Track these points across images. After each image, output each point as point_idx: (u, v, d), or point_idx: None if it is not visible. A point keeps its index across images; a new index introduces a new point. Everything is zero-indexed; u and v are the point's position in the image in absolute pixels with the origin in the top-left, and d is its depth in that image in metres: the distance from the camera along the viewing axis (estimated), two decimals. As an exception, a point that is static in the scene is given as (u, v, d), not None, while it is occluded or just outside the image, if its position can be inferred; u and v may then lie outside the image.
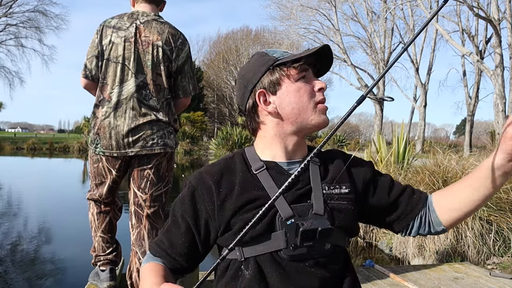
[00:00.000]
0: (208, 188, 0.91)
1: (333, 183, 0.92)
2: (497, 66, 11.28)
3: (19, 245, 4.62)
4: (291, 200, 0.89)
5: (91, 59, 1.95)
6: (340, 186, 0.92)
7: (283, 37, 23.05)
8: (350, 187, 0.93)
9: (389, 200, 0.98)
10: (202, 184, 0.92)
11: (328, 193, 0.91)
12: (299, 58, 0.92)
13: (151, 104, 1.91)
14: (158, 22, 1.96)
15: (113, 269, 2.08)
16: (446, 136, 63.63)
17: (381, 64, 20.68)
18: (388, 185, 1.00)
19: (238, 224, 0.87)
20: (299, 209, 0.88)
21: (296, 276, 0.86)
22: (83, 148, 28.66)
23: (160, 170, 1.95)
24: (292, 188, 0.90)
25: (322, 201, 0.89)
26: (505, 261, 3.39)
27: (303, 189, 0.90)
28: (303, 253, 0.86)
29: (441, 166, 4.01)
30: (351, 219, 0.92)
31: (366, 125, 62.38)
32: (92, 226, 2.06)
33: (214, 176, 0.92)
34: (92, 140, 1.96)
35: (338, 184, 0.93)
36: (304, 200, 0.90)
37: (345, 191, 0.92)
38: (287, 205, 0.87)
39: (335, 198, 0.91)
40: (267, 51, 0.97)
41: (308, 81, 0.94)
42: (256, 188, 0.90)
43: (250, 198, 0.89)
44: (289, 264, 0.86)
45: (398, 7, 18.33)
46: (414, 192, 1.00)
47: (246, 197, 0.89)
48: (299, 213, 0.87)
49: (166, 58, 1.93)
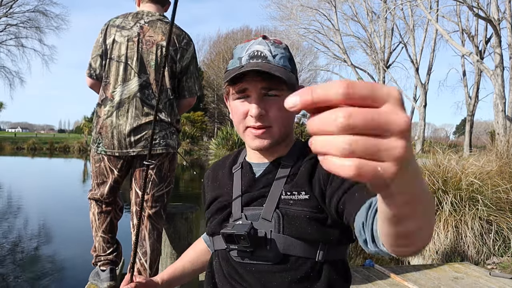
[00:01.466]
0: (205, 180, 1.07)
1: (292, 188, 0.85)
2: (497, 66, 11.28)
3: (19, 245, 4.62)
4: (246, 202, 0.90)
5: (96, 58, 1.95)
6: (298, 192, 0.85)
7: (283, 37, 23.04)
8: (310, 193, 0.84)
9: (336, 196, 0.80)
10: (204, 178, 1.09)
11: (285, 198, 0.85)
12: (230, 79, 0.85)
13: (153, 104, 1.91)
14: (163, 22, 1.97)
15: (114, 269, 2.08)
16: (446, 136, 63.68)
17: (381, 64, 20.68)
18: (338, 183, 0.80)
19: (207, 215, 0.99)
20: (250, 212, 0.88)
21: (247, 277, 0.87)
22: (83, 148, 28.64)
23: (162, 170, 1.95)
24: (252, 190, 0.91)
25: (274, 206, 0.85)
26: (505, 261, 3.39)
27: (260, 191, 0.89)
28: (247, 257, 0.86)
29: (441, 166, 4.01)
30: (307, 227, 0.82)
31: (366, 125, 62.27)
32: (93, 226, 2.07)
33: (210, 170, 1.07)
34: (94, 139, 1.97)
35: (296, 189, 0.85)
36: (260, 203, 0.88)
37: (304, 197, 0.84)
38: (239, 207, 0.90)
39: (291, 203, 0.84)
40: (234, 50, 0.92)
41: (249, 101, 0.86)
42: (227, 186, 0.96)
43: (217, 195, 0.97)
44: (238, 264, 0.89)
45: (398, 7, 18.32)
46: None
47: (216, 193, 0.98)
48: (249, 216, 0.87)
49: (170, 59, 1.93)
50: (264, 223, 0.85)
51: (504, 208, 3.67)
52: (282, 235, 0.83)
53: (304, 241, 0.83)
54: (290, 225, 0.83)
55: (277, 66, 0.85)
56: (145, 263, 1.90)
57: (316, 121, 0.32)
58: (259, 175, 0.92)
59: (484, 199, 3.61)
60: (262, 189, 0.89)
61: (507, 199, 3.71)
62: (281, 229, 0.83)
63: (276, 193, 0.86)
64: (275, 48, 0.87)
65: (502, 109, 10.84)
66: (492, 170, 4.08)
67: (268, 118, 0.86)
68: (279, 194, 0.86)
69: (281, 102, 0.84)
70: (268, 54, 0.85)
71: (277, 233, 0.84)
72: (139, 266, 1.91)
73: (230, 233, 0.84)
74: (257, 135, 0.87)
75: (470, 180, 3.76)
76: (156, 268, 1.96)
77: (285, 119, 0.88)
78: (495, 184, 3.81)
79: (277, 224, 0.84)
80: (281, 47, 0.89)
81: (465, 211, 3.59)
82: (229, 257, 0.90)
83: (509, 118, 11.23)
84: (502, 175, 4.04)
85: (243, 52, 0.88)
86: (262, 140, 0.87)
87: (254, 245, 0.83)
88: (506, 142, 5.03)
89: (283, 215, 0.84)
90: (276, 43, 0.89)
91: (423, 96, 19.85)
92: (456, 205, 3.66)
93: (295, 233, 0.83)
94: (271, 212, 0.85)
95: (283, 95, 0.85)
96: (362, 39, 21.73)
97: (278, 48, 0.88)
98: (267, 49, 0.86)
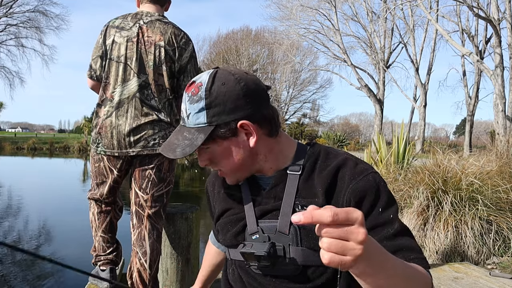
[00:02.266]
0: (210, 187, 1.07)
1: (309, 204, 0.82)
2: (497, 66, 11.28)
3: (19, 245, 4.62)
4: (260, 214, 0.89)
5: (96, 59, 1.96)
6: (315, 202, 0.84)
7: (283, 37, 23.05)
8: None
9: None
10: (208, 184, 1.08)
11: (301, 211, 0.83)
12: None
13: (153, 104, 1.91)
14: (162, 22, 1.97)
15: (113, 269, 2.08)
16: (446, 136, 63.61)
17: (381, 64, 20.68)
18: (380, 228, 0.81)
19: (219, 227, 0.98)
20: (266, 224, 0.88)
21: (267, 286, 0.89)
22: (83, 148, 28.65)
23: (161, 170, 1.95)
24: (263, 202, 0.90)
25: (289, 218, 0.83)
26: (505, 261, 3.39)
27: (272, 205, 0.89)
28: (266, 269, 0.87)
29: (441, 166, 4.01)
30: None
31: (366, 125, 62.37)
32: (93, 225, 2.07)
33: (213, 177, 1.06)
34: (93, 139, 1.97)
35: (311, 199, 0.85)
36: (274, 216, 0.87)
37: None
38: (254, 220, 0.89)
39: None
40: None
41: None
42: (236, 197, 0.96)
43: (228, 206, 0.97)
44: (258, 275, 0.89)
45: (398, 7, 18.32)
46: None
47: (225, 205, 0.98)
48: (265, 229, 0.87)
49: (168, 59, 1.94)
50: (282, 236, 0.85)
51: (504, 208, 3.67)
52: (300, 248, 0.84)
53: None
54: (307, 237, 0.83)
55: (188, 129, 0.86)
56: (145, 263, 1.90)
57: (321, 231, 0.55)
58: (268, 187, 0.91)
59: (484, 199, 3.61)
60: (274, 201, 0.89)
61: (507, 199, 3.71)
62: (299, 242, 0.84)
63: (289, 206, 0.86)
64: (189, 104, 0.85)
65: (502, 109, 10.84)
66: (492, 170, 4.08)
67: (216, 164, 0.90)
68: (292, 207, 0.85)
69: (216, 152, 0.87)
70: (185, 115, 0.87)
71: (295, 246, 0.84)
72: (139, 266, 1.91)
73: (248, 253, 0.85)
74: (220, 175, 0.94)
75: (470, 180, 3.76)
76: (156, 268, 1.95)
77: (231, 162, 0.88)
78: (495, 184, 3.81)
79: (294, 237, 0.84)
80: (195, 99, 0.84)
81: (465, 211, 3.59)
82: (249, 269, 0.91)
83: (509, 118, 11.23)
84: (502, 175, 4.04)
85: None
86: (229, 180, 0.93)
87: (274, 261, 0.85)
88: (506, 142, 5.03)
89: (300, 228, 0.84)
90: (193, 95, 0.84)
91: (423, 96, 19.85)
92: (456, 205, 3.66)
93: (313, 245, 0.83)
94: (287, 226, 0.84)
95: (211, 146, 0.87)
96: (362, 39, 21.73)
97: (192, 104, 0.84)
98: (184, 108, 0.87)
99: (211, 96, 0.82)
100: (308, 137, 36.09)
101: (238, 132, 0.85)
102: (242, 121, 0.84)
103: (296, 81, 39.51)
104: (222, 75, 0.84)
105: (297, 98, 41.40)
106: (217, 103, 0.83)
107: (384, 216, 0.81)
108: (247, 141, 0.86)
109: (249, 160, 0.88)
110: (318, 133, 43.01)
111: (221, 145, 0.85)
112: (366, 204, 0.81)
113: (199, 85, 0.84)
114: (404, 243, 0.80)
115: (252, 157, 0.88)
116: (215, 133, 0.84)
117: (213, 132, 0.83)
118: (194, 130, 0.84)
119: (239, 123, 0.84)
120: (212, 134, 0.83)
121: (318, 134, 41.58)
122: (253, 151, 0.88)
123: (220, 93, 0.82)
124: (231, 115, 0.83)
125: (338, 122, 59.88)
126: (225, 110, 0.83)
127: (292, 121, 41.34)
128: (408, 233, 0.82)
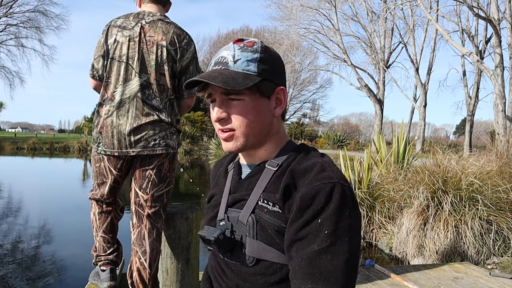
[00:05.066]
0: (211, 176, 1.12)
1: (270, 198, 0.85)
2: (497, 66, 11.27)
3: (19, 245, 4.62)
4: (231, 203, 0.93)
5: (98, 59, 1.96)
6: (274, 204, 0.84)
7: (283, 37, 23.04)
8: (282, 209, 0.83)
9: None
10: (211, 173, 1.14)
11: (262, 205, 0.86)
12: (198, 88, 0.90)
13: (154, 104, 1.91)
14: (164, 22, 1.97)
15: (114, 269, 2.08)
16: (446, 136, 63.60)
17: (381, 64, 20.67)
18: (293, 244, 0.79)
19: (205, 211, 1.03)
20: (232, 214, 0.90)
21: (229, 274, 0.92)
22: (83, 148, 28.65)
23: (162, 170, 1.95)
24: (238, 191, 0.93)
25: (250, 211, 0.86)
26: (505, 261, 3.40)
27: (241, 194, 0.91)
28: (227, 256, 0.91)
29: (441, 166, 4.01)
30: (276, 238, 0.83)
31: (366, 125, 62.36)
32: (94, 225, 2.07)
33: (214, 167, 1.12)
34: (94, 139, 1.97)
35: (272, 201, 0.85)
36: (242, 205, 0.89)
37: (277, 210, 0.84)
38: (224, 207, 0.93)
39: (265, 211, 0.85)
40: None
41: (214, 105, 0.89)
42: (222, 184, 1.00)
43: (214, 192, 1.02)
44: (222, 261, 0.94)
45: (398, 7, 18.32)
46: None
47: (214, 191, 1.03)
48: (231, 218, 0.90)
49: (170, 59, 1.94)
50: (241, 226, 0.87)
51: (504, 208, 3.68)
52: (255, 240, 0.85)
53: (276, 249, 0.84)
54: (262, 232, 0.85)
55: (235, 71, 0.84)
56: (145, 262, 1.91)
57: None
58: (244, 177, 0.94)
59: (484, 199, 3.61)
60: (244, 192, 0.91)
61: (507, 199, 3.72)
62: (254, 235, 0.85)
63: (254, 198, 0.87)
64: (241, 52, 0.86)
65: (502, 109, 10.84)
66: (492, 170, 4.08)
67: (230, 122, 0.87)
68: (256, 200, 0.87)
69: (246, 106, 0.85)
70: (230, 59, 0.86)
71: (251, 238, 0.86)
72: (138, 265, 1.91)
73: (201, 236, 0.90)
74: (223, 138, 0.89)
75: (470, 180, 3.76)
76: (156, 267, 1.96)
77: (252, 123, 0.86)
78: (495, 184, 3.81)
79: (251, 229, 0.86)
80: (250, 49, 0.87)
81: (465, 211, 3.59)
82: (217, 254, 0.95)
83: (509, 118, 11.23)
84: (502, 175, 4.04)
85: (213, 58, 0.91)
86: (227, 143, 0.89)
87: (223, 249, 0.88)
88: (506, 142, 5.03)
89: (257, 221, 0.85)
90: (246, 46, 0.87)
91: (423, 96, 19.85)
92: (456, 205, 3.66)
93: (266, 240, 0.84)
94: (246, 217, 0.86)
95: (246, 99, 0.85)
96: (362, 39, 21.72)
97: (244, 52, 0.86)
98: (231, 54, 0.86)
99: (265, 53, 0.88)
100: (308, 137, 36.08)
101: (272, 96, 0.89)
102: (282, 87, 0.91)
103: (296, 81, 39.51)
104: (269, 47, 0.91)
105: (297, 98, 41.41)
106: (270, 62, 0.88)
107: (320, 228, 0.75)
108: (274, 109, 0.90)
109: (266, 128, 0.90)
110: (318, 133, 43.01)
111: (254, 100, 0.87)
112: (309, 212, 0.76)
113: (253, 41, 0.89)
114: (323, 268, 0.73)
115: (269, 127, 0.90)
116: (259, 85, 0.86)
117: (258, 83, 0.85)
118: (241, 74, 0.84)
119: (280, 87, 0.90)
120: (256, 84, 0.85)
121: (318, 134, 41.57)
122: (272, 122, 0.91)
123: (273, 56, 0.90)
124: (275, 77, 0.89)
125: (338, 122, 59.90)
126: (273, 70, 0.88)
127: (292, 121, 41.34)
128: (340, 256, 0.74)
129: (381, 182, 4.92)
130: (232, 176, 0.97)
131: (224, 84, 0.81)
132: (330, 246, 0.74)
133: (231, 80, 0.82)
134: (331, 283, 0.72)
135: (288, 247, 0.79)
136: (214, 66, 0.88)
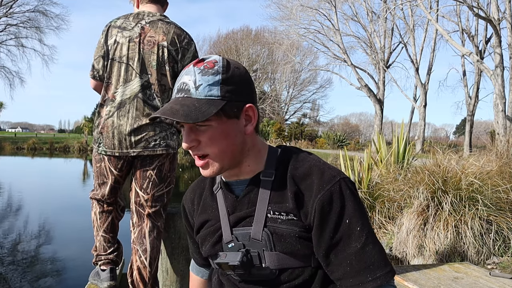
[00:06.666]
0: (187, 204, 1.05)
1: (281, 209, 0.86)
2: (497, 66, 11.28)
3: (19, 245, 4.62)
4: (234, 222, 0.91)
5: (98, 59, 1.96)
6: (287, 213, 0.86)
7: (283, 37, 23.06)
8: (298, 217, 0.85)
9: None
10: (185, 202, 1.06)
11: (273, 217, 0.86)
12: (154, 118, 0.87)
13: (155, 105, 1.92)
14: (164, 22, 1.97)
15: (114, 269, 2.08)
16: (446, 136, 63.59)
17: (381, 64, 20.68)
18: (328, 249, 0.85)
19: (199, 239, 0.99)
20: (240, 232, 0.89)
21: None
22: (83, 148, 28.67)
23: (162, 171, 1.96)
24: (238, 209, 0.91)
25: (262, 225, 0.86)
26: (505, 261, 3.40)
27: (245, 212, 0.90)
28: (244, 275, 0.90)
29: (441, 166, 4.01)
30: (297, 244, 0.85)
31: (366, 125, 62.36)
32: (94, 225, 2.07)
33: (190, 193, 1.05)
34: (95, 139, 1.97)
35: (285, 211, 0.86)
36: (248, 222, 0.89)
37: (292, 218, 0.86)
38: (228, 228, 0.91)
39: (279, 222, 0.85)
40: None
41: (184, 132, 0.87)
42: (212, 208, 0.97)
43: (206, 218, 0.97)
44: (236, 281, 0.92)
45: (398, 7, 18.32)
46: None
47: (204, 217, 0.98)
48: (240, 237, 0.89)
49: (171, 59, 1.94)
50: (255, 243, 0.87)
51: (504, 208, 3.68)
52: (274, 253, 0.86)
53: (296, 255, 0.87)
54: (280, 242, 0.85)
55: (197, 99, 0.82)
56: (145, 260, 1.91)
57: None
58: (241, 194, 0.92)
59: (484, 199, 3.61)
60: (247, 208, 0.90)
61: (507, 199, 3.72)
62: (272, 247, 0.86)
63: (262, 212, 0.87)
64: (201, 76, 0.83)
65: (502, 109, 10.85)
66: (492, 170, 4.08)
67: (202, 148, 0.85)
68: (265, 213, 0.87)
69: (214, 131, 0.83)
70: (191, 85, 0.82)
71: (269, 251, 0.86)
72: (139, 264, 1.91)
73: (222, 263, 0.88)
74: (199, 165, 0.88)
75: (470, 180, 3.76)
76: (156, 266, 1.96)
77: (224, 147, 0.85)
78: (495, 184, 3.81)
79: (267, 242, 0.86)
80: (210, 72, 0.83)
81: (465, 211, 3.59)
82: (229, 276, 0.94)
83: (509, 118, 11.23)
84: (502, 175, 4.04)
85: (176, 83, 0.87)
86: (205, 170, 0.88)
87: (249, 269, 0.88)
88: (506, 142, 5.03)
89: (272, 233, 0.86)
90: (207, 69, 0.83)
91: (423, 96, 19.85)
92: (456, 205, 3.66)
93: (286, 249, 0.86)
94: (260, 232, 0.86)
95: (213, 124, 0.83)
96: (362, 39, 21.74)
97: (205, 76, 0.82)
98: (192, 80, 0.83)
99: (227, 73, 0.84)
100: (308, 137, 36.06)
101: (241, 115, 0.86)
102: (250, 104, 0.86)
103: (296, 81, 39.55)
104: (233, 61, 0.88)
105: (297, 98, 41.46)
106: (233, 81, 0.84)
107: (351, 227, 0.83)
108: (244, 127, 0.87)
109: (240, 147, 0.87)
110: (318, 133, 43.00)
111: (222, 124, 0.83)
112: (332, 216, 0.83)
113: (213, 61, 0.85)
114: (371, 258, 0.83)
115: (242, 145, 0.88)
116: (224, 108, 0.83)
117: (223, 107, 0.82)
118: (204, 101, 0.81)
119: (247, 105, 0.86)
120: (222, 109, 0.82)
121: (318, 134, 41.56)
122: (245, 140, 0.88)
123: (236, 74, 0.85)
124: (241, 96, 0.85)
125: (338, 122, 59.89)
126: (237, 90, 0.84)
127: (292, 121, 41.36)
128: (373, 239, 0.84)
129: (381, 182, 4.92)
130: (225, 196, 0.94)
131: (186, 118, 0.79)
132: (366, 238, 0.83)
133: (193, 112, 0.80)
134: (383, 265, 0.83)
135: (325, 255, 0.84)
136: (177, 94, 0.85)
